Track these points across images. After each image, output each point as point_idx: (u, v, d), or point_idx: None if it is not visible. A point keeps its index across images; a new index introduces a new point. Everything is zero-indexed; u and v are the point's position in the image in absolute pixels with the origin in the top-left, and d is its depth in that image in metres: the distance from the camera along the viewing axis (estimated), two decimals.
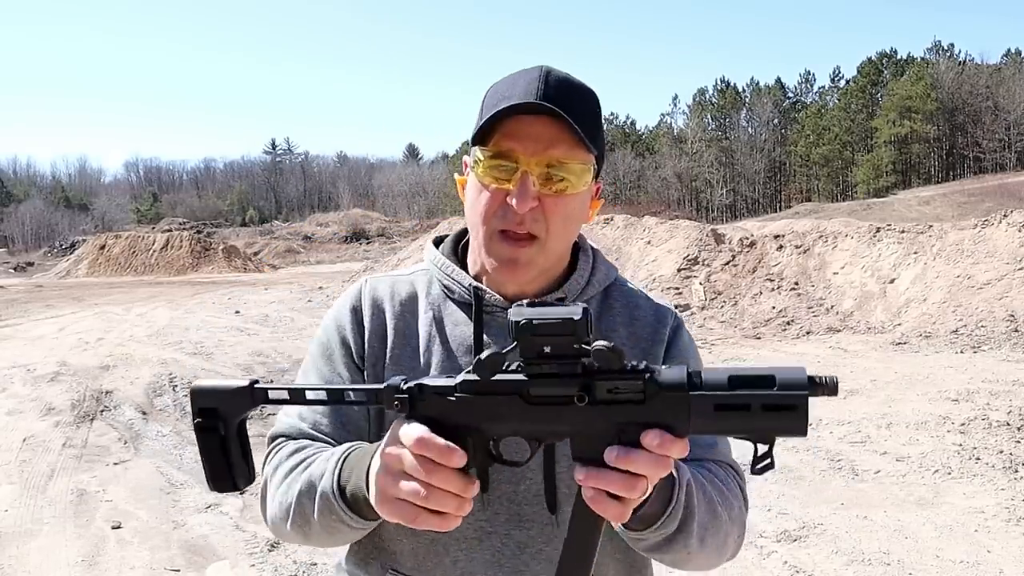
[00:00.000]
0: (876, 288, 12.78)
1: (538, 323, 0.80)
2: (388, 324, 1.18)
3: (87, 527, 4.76)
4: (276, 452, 1.14)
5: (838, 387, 0.79)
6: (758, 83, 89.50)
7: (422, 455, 0.85)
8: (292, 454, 1.11)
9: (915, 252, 13.01)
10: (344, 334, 1.18)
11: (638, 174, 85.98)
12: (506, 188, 1.06)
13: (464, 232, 1.23)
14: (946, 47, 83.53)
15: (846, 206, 57.63)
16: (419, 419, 0.87)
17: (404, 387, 0.88)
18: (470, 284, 1.16)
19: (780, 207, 76.87)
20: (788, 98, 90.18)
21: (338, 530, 1.03)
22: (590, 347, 0.80)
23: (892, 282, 12.73)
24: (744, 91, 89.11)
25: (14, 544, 4.50)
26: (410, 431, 0.86)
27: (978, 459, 5.57)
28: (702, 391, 0.80)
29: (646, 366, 0.82)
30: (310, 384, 1.04)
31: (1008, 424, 6.32)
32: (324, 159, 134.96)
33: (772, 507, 4.85)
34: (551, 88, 1.05)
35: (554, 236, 1.09)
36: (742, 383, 0.79)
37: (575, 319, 0.80)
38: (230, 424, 0.93)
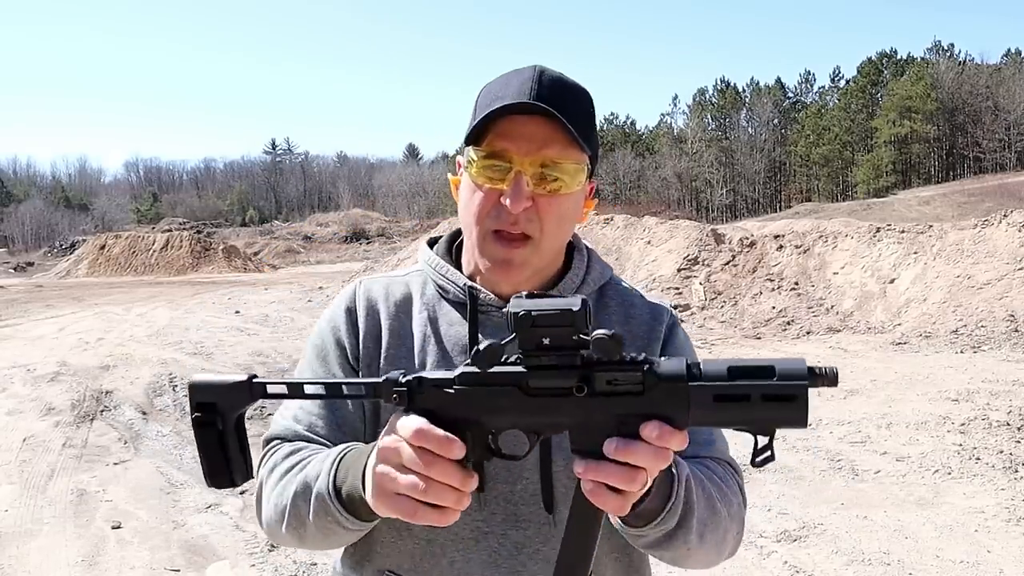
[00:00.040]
0: (876, 288, 12.77)
1: (537, 314, 0.80)
2: (383, 325, 1.18)
3: (87, 527, 4.76)
4: (271, 454, 1.13)
5: (838, 377, 0.78)
6: (758, 83, 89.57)
7: (421, 447, 0.84)
8: (287, 456, 1.10)
9: (915, 252, 13.00)
10: (339, 335, 1.18)
11: (638, 174, 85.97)
12: (500, 188, 1.06)
13: (458, 232, 1.23)
14: (946, 47, 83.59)
15: (846, 206, 57.60)
16: (418, 412, 0.86)
17: (403, 380, 0.87)
18: (465, 284, 1.16)
19: (780, 207, 76.83)
20: (788, 98, 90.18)
21: (334, 532, 1.02)
22: (589, 338, 0.80)
23: (892, 282, 12.72)
24: (744, 91, 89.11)
25: (14, 544, 4.50)
26: (408, 423, 0.85)
27: (978, 459, 5.57)
28: (701, 382, 0.80)
29: (645, 357, 0.82)
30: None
31: (1008, 424, 6.32)
32: (324, 159, 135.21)
33: (772, 507, 4.84)
34: (544, 88, 1.04)
35: (548, 236, 1.09)
36: (742, 374, 0.79)
37: (574, 310, 0.80)
38: (228, 419, 0.93)
